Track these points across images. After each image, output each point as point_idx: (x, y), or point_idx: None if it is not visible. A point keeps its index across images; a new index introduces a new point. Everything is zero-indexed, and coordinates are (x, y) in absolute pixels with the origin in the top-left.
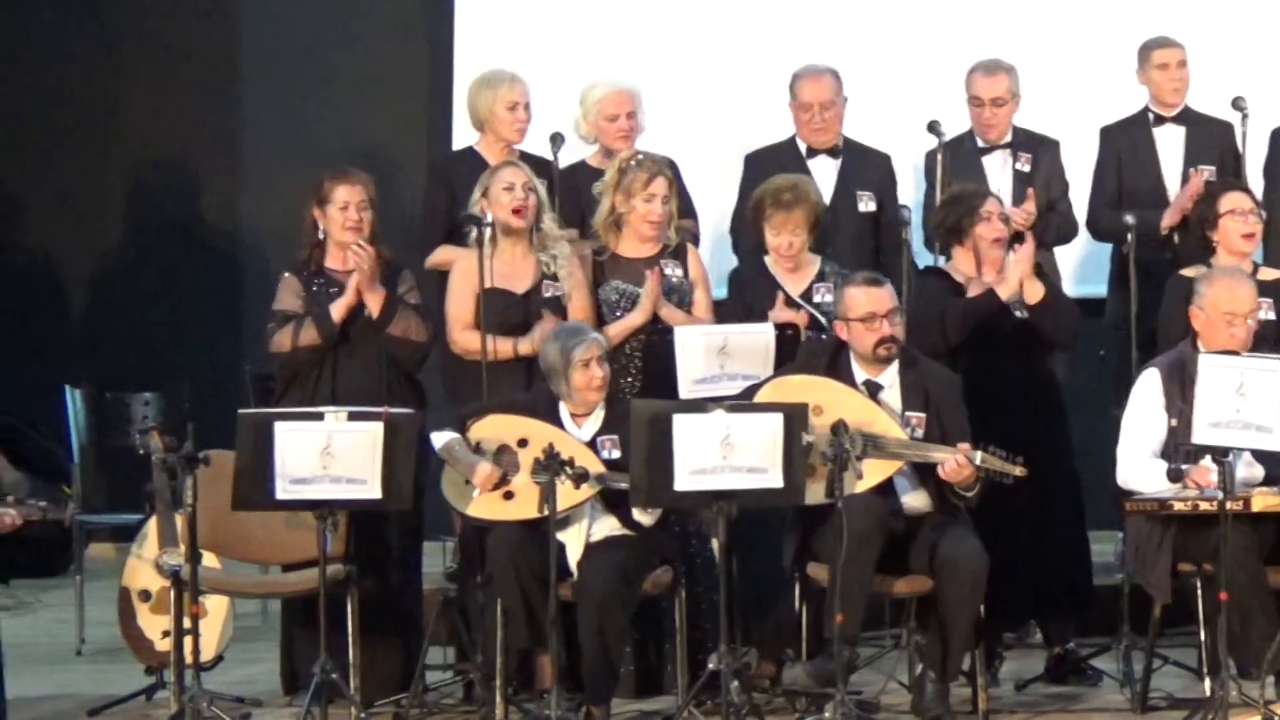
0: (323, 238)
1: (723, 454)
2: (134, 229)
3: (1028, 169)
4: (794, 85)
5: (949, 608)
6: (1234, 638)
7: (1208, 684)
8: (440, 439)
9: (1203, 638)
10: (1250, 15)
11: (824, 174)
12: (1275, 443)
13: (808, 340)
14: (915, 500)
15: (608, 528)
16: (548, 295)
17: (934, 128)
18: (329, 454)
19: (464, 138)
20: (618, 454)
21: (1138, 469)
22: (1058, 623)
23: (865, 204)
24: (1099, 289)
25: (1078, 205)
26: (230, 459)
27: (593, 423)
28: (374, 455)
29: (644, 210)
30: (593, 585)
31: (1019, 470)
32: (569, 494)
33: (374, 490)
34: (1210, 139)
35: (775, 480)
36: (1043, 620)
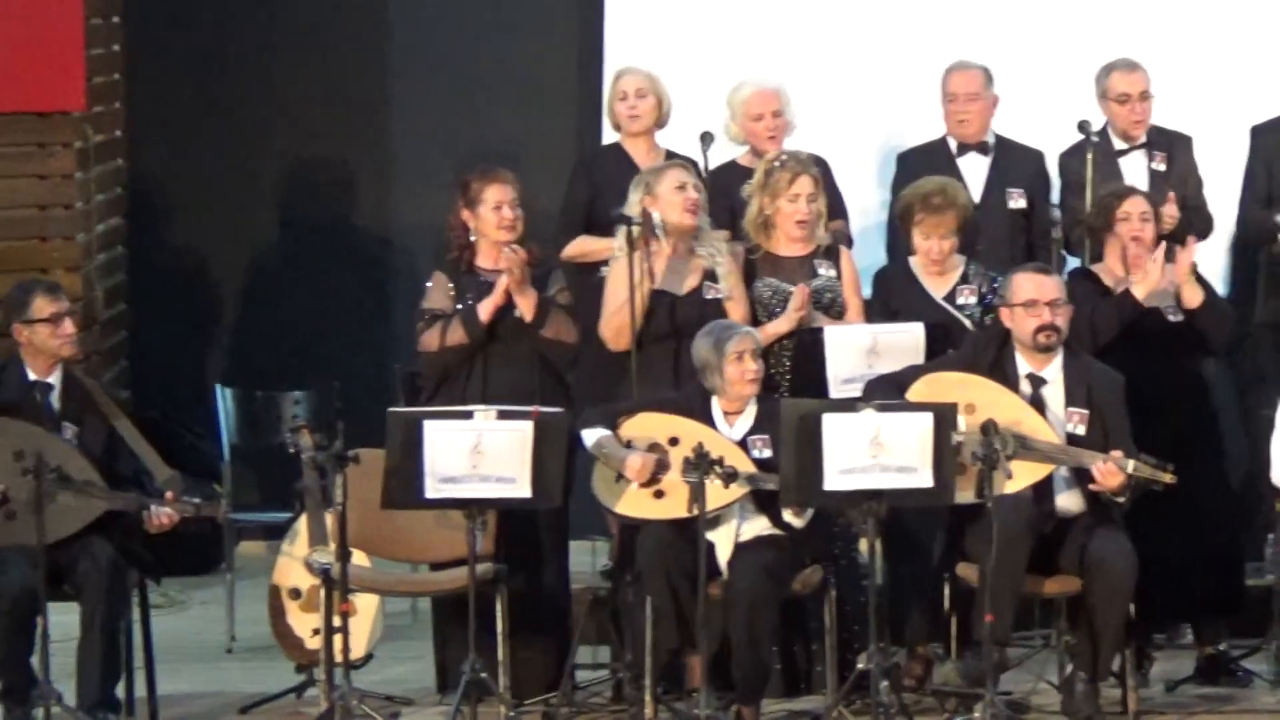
0: (473, 239)
1: (872, 453)
2: (286, 228)
3: (1163, 168)
4: (944, 78)
5: (1099, 607)
6: None
7: None
8: (591, 436)
9: None
10: None
11: (974, 171)
12: None
13: (973, 333)
14: (1070, 501)
15: (758, 528)
16: (709, 297)
17: (1083, 127)
18: (479, 452)
19: (614, 136)
20: (769, 453)
21: None
22: (1209, 623)
23: (1015, 201)
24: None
25: (1225, 204)
26: (380, 457)
27: (744, 421)
28: (524, 454)
29: (789, 210)
30: (742, 585)
31: (1169, 478)
32: (718, 493)
33: (524, 489)
34: None
35: (925, 480)
36: (1194, 621)
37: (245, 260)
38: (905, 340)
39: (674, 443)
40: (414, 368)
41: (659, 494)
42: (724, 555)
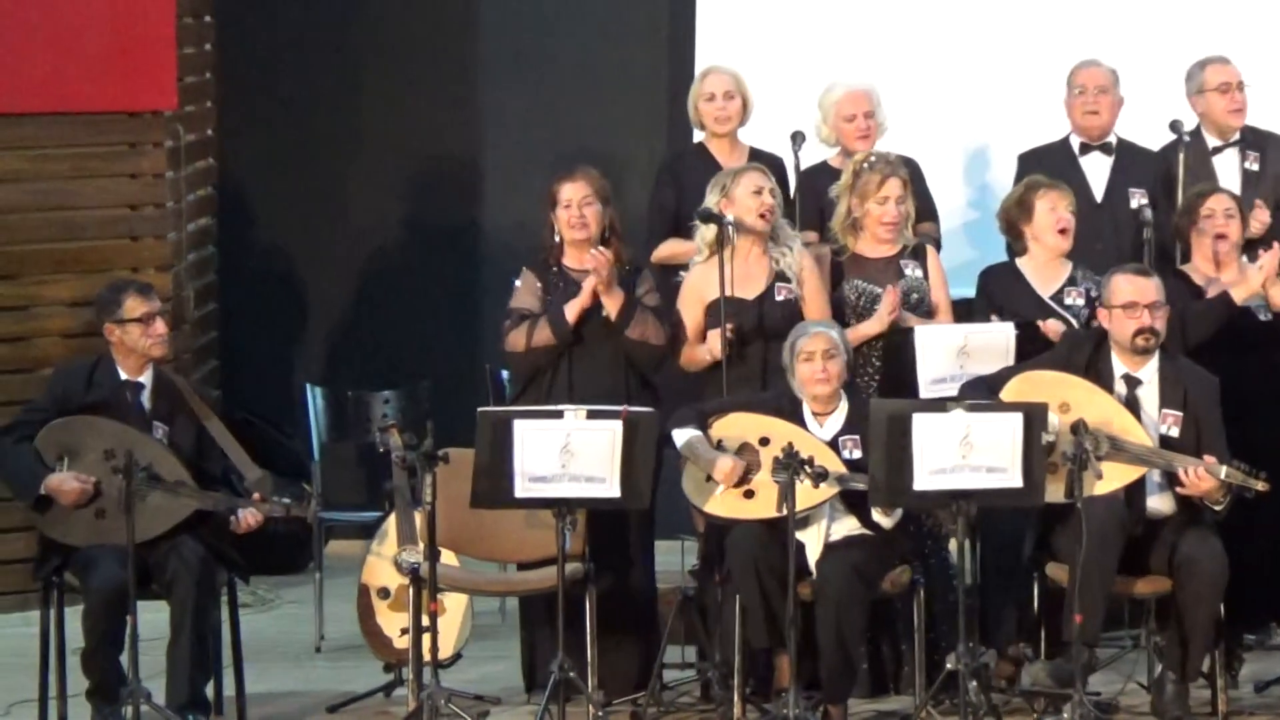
0: (559, 239)
1: (962, 453)
2: (375, 227)
3: (1256, 167)
4: (1071, 74)
5: (1189, 608)
6: None
7: None
8: (682, 436)
9: None
10: None
11: (1096, 170)
12: None
13: (1069, 331)
14: (1161, 503)
15: (847, 528)
16: (780, 299)
17: (1175, 126)
18: (568, 452)
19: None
20: (859, 454)
21: None
22: None
23: (1137, 201)
24: None
25: None
26: (469, 457)
27: (834, 421)
28: (613, 454)
29: (878, 212)
30: (832, 585)
31: (1261, 485)
32: (808, 493)
33: (613, 489)
34: None
35: (1014, 480)
36: None
37: (335, 259)
38: (996, 340)
39: (764, 443)
40: (504, 367)
41: (749, 494)
42: (813, 555)
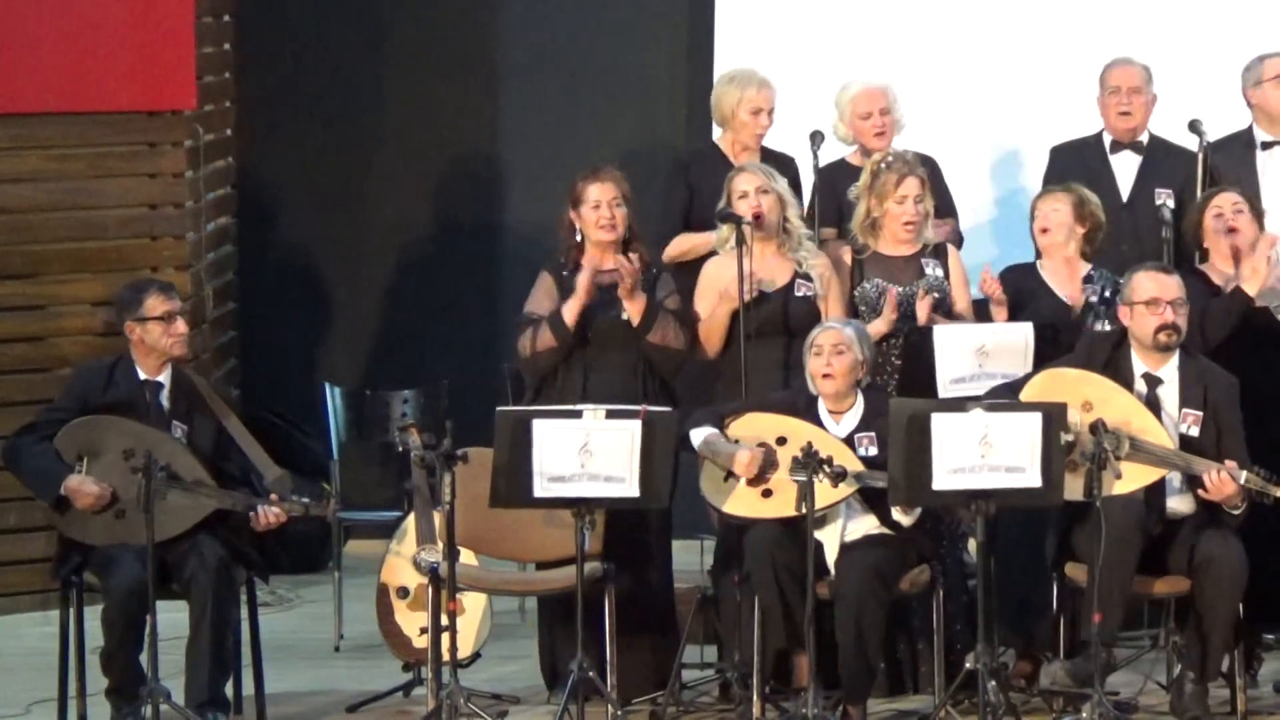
0: (580, 239)
1: (981, 453)
2: (394, 227)
3: None
4: (1104, 73)
5: (1208, 608)
6: None
7: None
8: (699, 435)
9: None
10: None
11: (1125, 169)
12: None
13: (1090, 330)
14: (1180, 503)
15: (865, 526)
16: (800, 295)
17: (1195, 127)
18: (587, 452)
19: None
20: (875, 451)
21: None
22: None
23: (1161, 200)
24: None
25: None
26: (489, 456)
27: (850, 418)
28: (632, 453)
29: (897, 212)
30: (850, 584)
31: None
32: (827, 492)
33: (632, 488)
34: None
35: (1033, 480)
36: None
37: (354, 259)
38: (1014, 339)
39: (781, 442)
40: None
41: (767, 493)
42: (831, 554)
